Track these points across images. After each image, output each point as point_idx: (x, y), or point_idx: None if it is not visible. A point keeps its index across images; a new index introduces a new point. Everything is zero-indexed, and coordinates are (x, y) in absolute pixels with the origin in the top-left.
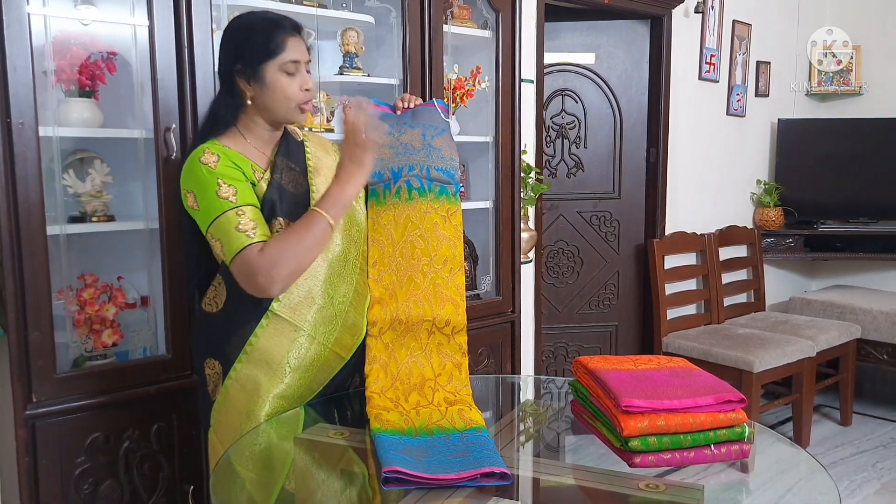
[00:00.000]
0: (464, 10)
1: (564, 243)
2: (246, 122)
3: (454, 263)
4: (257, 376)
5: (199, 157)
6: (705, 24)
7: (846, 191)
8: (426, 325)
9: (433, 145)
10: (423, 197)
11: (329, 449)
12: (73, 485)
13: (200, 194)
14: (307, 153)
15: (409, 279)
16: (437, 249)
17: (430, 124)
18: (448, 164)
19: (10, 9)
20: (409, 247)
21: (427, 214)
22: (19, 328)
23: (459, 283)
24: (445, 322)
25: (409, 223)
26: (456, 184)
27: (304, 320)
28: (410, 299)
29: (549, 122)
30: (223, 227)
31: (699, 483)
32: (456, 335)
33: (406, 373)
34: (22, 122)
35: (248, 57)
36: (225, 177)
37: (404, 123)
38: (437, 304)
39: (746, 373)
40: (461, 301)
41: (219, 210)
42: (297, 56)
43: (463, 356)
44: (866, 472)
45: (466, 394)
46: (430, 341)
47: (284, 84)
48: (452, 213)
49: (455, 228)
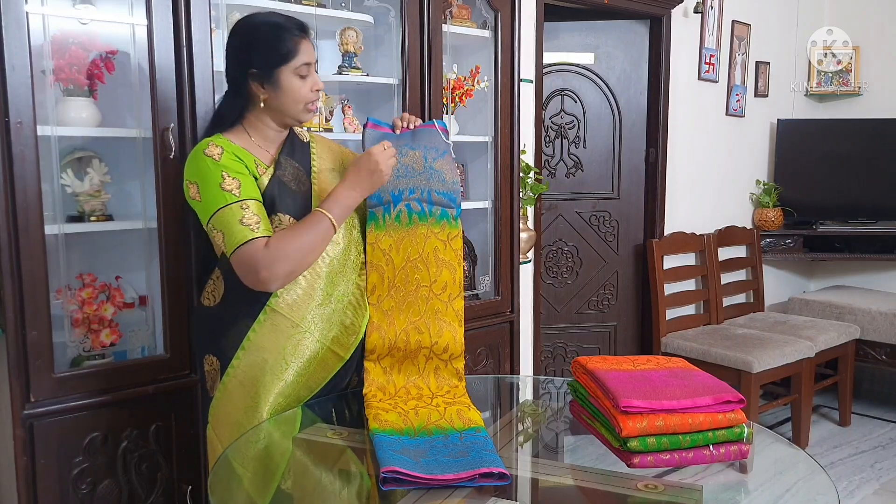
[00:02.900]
0: (463, 9)
1: (563, 243)
2: (252, 122)
3: (453, 289)
4: (255, 372)
5: (204, 150)
6: (705, 25)
7: (845, 191)
8: (424, 352)
9: (434, 168)
10: (424, 221)
11: (327, 449)
12: (71, 485)
13: (203, 185)
14: (312, 154)
15: (408, 305)
16: (437, 275)
17: (432, 146)
18: (449, 188)
19: (8, 8)
20: (409, 272)
21: (427, 239)
22: (17, 327)
23: (458, 309)
24: (443, 349)
25: (409, 247)
26: (457, 207)
27: (302, 317)
28: (408, 326)
29: (548, 122)
30: (226, 220)
31: (698, 483)
32: (453, 361)
33: (403, 394)
34: (20, 122)
35: (263, 62)
36: (229, 169)
37: (405, 145)
38: (435, 332)
39: (745, 373)
40: (459, 327)
41: (222, 202)
42: (308, 58)
43: (459, 380)
44: (865, 473)
45: (464, 398)
46: (427, 366)
47: (298, 86)
48: (453, 237)
49: (455, 253)
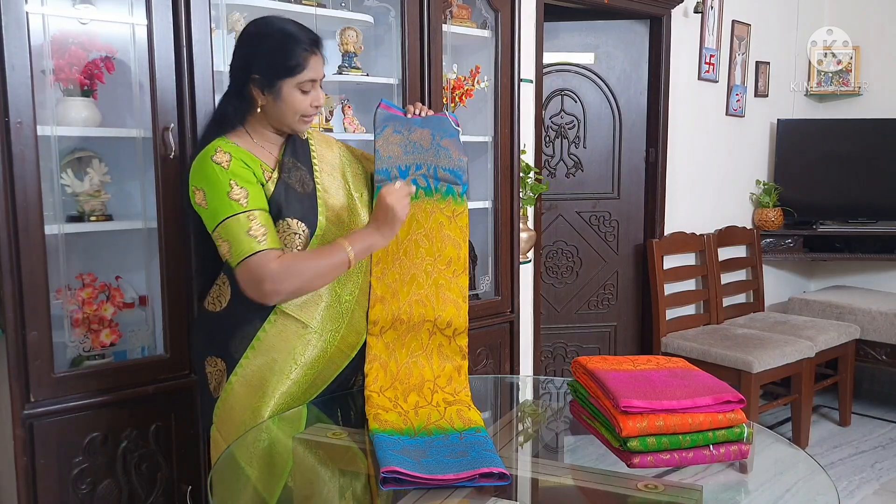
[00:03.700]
0: (463, 9)
1: (563, 243)
2: (253, 124)
3: (458, 265)
4: (264, 373)
5: (211, 156)
6: (705, 25)
7: (845, 191)
8: (427, 326)
9: (442, 145)
10: (430, 196)
11: (328, 448)
12: (70, 485)
13: (211, 193)
14: (312, 150)
15: (412, 278)
16: (442, 250)
17: (441, 127)
18: (456, 165)
19: (8, 8)
20: (413, 246)
21: (432, 214)
22: (17, 327)
23: (462, 285)
24: (447, 323)
25: (413, 222)
26: (463, 184)
27: (312, 318)
28: (412, 299)
29: (548, 121)
30: (232, 230)
31: (698, 483)
32: (457, 337)
33: (406, 373)
34: (20, 122)
35: (267, 70)
36: (237, 177)
37: (414, 123)
38: (439, 305)
39: (745, 373)
40: (463, 303)
41: (229, 212)
42: (315, 75)
43: (463, 359)
44: (865, 473)
45: (465, 395)
46: (430, 342)
47: (298, 100)
48: (458, 213)
49: (460, 230)
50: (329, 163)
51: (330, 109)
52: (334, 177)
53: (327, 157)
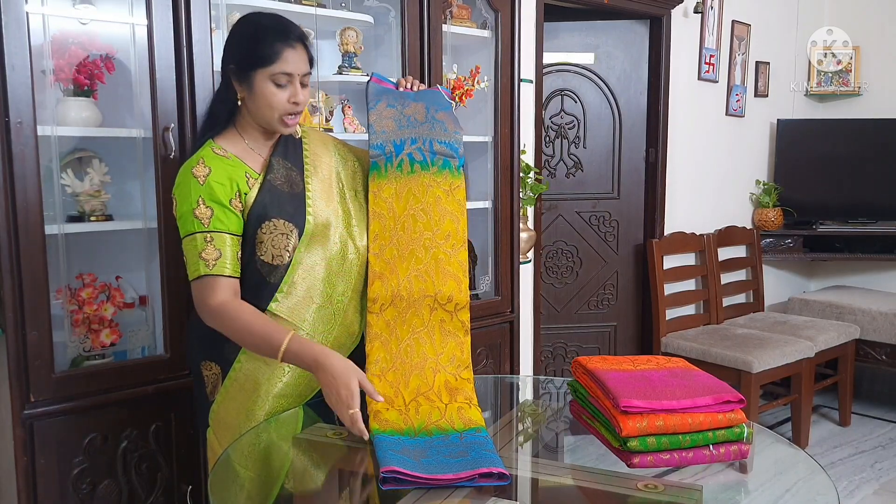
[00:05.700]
0: (463, 9)
1: (563, 243)
2: (243, 125)
3: (456, 239)
4: (257, 376)
5: (193, 167)
6: (704, 25)
7: (845, 191)
8: (428, 301)
9: (437, 118)
10: (426, 170)
11: (327, 449)
12: (70, 485)
13: (180, 206)
14: (305, 150)
15: (411, 253)
16: (440, 224)
17: (434, 101)
18: (451, 138)
19: (8, 8)
20: (411, 220)
21: (429, 188)
22: (17, 328)
23: (462, 259)
24: (448, 298)
25: (410, 196)
26: (460, 158)
27: (303, 320)
28: (411, 274)
29: (548, 122)
30: (188, 248)
31: (698, 483)
32: (459, 312)
33: (407, 351)
34: (20, 122)
35: (241, 60)
36: (208, 195)
37: (407, 97)
38: (438, 280)
39: (745, 373)
40: (464, 277)
41: (190, 229)
42: (291, 69)
43: (465, 334)
44: (865, 473)
45: (468, 376)
46: (432, 318)
47: (271, 93)
48: (455, 187)
49: (458, 203)
50: (323, 162)
51: (330, 109)
52: (327, 176)
53: (321, 157)
